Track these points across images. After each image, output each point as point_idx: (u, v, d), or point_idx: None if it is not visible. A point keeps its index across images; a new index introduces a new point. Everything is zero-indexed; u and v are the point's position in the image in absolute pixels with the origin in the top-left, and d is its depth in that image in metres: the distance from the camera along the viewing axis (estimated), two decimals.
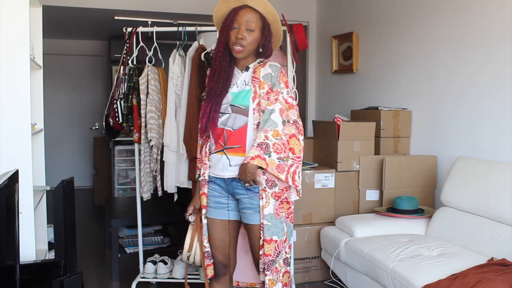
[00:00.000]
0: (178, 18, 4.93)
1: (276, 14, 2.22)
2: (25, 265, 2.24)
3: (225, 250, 2.27)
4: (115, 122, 3.15)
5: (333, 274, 3.26)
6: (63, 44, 7.21)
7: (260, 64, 2.23)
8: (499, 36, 3.04)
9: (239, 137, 2.17)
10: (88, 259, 4.08)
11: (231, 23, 2.16)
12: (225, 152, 2.19)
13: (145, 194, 3.23)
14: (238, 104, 2.18)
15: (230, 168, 2.18)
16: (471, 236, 2.78)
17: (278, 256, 2.19)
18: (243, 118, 2.17)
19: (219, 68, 2.20)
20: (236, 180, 2.18)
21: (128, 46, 3.16)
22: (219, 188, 2.24)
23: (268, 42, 2.23)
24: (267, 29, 2.21)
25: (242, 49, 2.15)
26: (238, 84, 2.22)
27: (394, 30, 4.06)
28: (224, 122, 2.19)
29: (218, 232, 2.26)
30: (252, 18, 2.16)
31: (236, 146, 2.17)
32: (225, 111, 2.19)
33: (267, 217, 2.15)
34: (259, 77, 2.19)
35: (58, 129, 7.28)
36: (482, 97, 3.18)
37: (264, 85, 2.18)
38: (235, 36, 2.14)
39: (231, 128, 2.18)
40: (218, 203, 2.25)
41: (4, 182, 1.79)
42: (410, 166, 3.50)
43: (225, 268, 2.29)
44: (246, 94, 2.18)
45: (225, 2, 2.22)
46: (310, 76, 5.41)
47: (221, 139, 2.20)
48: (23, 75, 2.40)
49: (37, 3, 2.92)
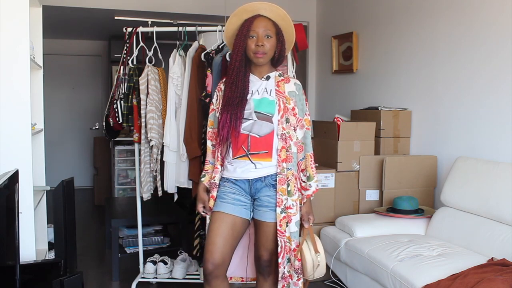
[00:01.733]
0: (178, 18, 4.93)
1: (289, 18, 2.25)
2: (25, 265, 2.24)
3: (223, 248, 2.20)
4: (115, 122, 3.15)
5: (333, 274, 3.26)
6: (63, 44, 7.21)
7: (282, 79, 2.29)
8: (499, 36, 3.04)
9: (265, 143, 2.21)
10: (88, 259, 4.08)
11: (247, 32, 2.19)
12: (249, 157, 2.21)
13: (145, 194, 3.23)
14: (264, 111, 2.22)
15: (255, 170, 2.22)
16: (471, 236, 2.78)
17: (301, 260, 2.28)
18: (269, 125, 2.21)
19: (236, 78, 2.22)
20: (260, 180, 2.22)
21: (128, 46, 3.16)
22: (240, 189, 2.25)
23: (283, 47, 2.28)
24: (281, 35, 2.26)
25: (263, 55, 2.19)
26: (260, 92, 2.25)
27: (394, 30, 4.06)
28: (249, 128, 2.21)
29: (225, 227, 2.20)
30: (267, 25, 2.20)
31: (262, 152, 2.21)
32: (248, 117, 2.21)
33: (297, 223, 2.24)
34: (283, 91, 2.26)
35: (58, 129, 7.28)
36: (482, 97, 3.18)
37: (291, 101, 2.26)
38: (255, 44, 2.18)
39: (257, 134, 2.21)
40: (237, 200, 2.24)
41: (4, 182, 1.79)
42: (410, 166, 3.50)
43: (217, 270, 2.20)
44: (271, 103, 2.23)
45: (237, 15, 2.25)
46: (310, 76, 5.41)
47: (245, 145, 2.22)
48: (23, 75, 2.40)
49: (37, 3, 2.92)
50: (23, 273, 2.11)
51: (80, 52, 7.37)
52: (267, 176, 2.22)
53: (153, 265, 3.26)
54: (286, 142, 2.22)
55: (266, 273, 2.30)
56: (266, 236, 2.24)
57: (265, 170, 2.22)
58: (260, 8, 2.22)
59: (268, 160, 2.22)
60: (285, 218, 2.19)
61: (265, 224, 2.23)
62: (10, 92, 2.38)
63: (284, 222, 2.19)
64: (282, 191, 2.19)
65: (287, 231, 2.19)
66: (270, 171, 2.22)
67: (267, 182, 2.22)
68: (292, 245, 2.21)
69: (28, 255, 2.44)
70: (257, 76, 2.28)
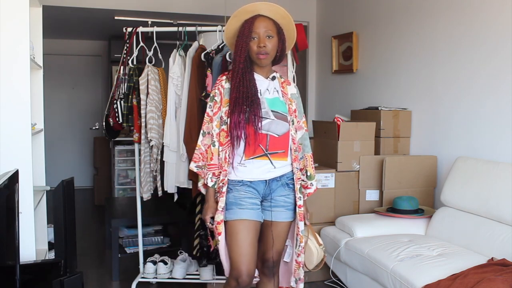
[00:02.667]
0: (178, 18, 4.93)
1: (289, 16, 2.24)
2: (25, 265, 2.24)
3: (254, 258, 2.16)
4: (115, 122, 3.15)
5: (333, 274, 3.26)
6: (63, 44, 7.21)
7: (283, 80, 2.33)
8: (499, 36, 3.04)
9: (283, 142, 2.22)
10: (88, 259, 4.08)
11: (249, 33, 2.17)
12: (269, 157, 2.19)
13: (145, 194, 3.23)
14: (280, 110, 2.23)
15: (274, 170, 2.21)
16: (471, 236, 2.78)
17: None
18: (285, 125, 2.23)
19: (243, 79, 2.19)
20: (276, 180, 2.23)
21: (128, 46, 3.16)
22: (254, 191, 2.21)
23: (285, 46, 2.28)
24: (282, 33, 2.25)
25: (266, 56, 2.19)
26: (270, 91, 2.26)
27: (394, 30, 4.06)
28: (267, 128, 2.18)
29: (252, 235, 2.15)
30: (268, 26, 2.19)
31: (280, 151, 2.22)
32: (265, 116, 2.19)
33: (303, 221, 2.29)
34: (287, 93, 2.30)
35: (58, 129, 7.28)
36: (482, 97, 3.18)
37: (293, 103, 2.30)
38: (257, 45, 2.17)
39: (276, 133, 2.20)
40: (255, 204, 2.20)
41: (4, 182, 1.79)
42: (410, 166, 3.50)
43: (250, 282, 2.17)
44: (283, 104, 2.26)
45: (236, 16, 2.23)
46: (310, 76, 5.41)
47: (263, 144, 2.18)
48: (23, 75, 2.40)
49: (37, 3, 2.92)
50: (23, 273, 2.11)
51: (80, 52, 7.37)
52: (283, 175, 2.24)
53: (153, 265, 3.26)
54: (294, 143, 2.27)
55: (272, 273, 2.29)
56: (280, 236, 2.26)
57: (282, 170, 2.24)
58: (260, 8, 2.20)
59: (285, 160, 2.24)
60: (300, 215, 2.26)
61: (280, 225, 2.25)
62: (10, 92, 2.38)
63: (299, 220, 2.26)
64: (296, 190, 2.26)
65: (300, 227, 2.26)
66: (286, 170, 2.25)
67: (283, 182, 2.24)
68: (302, 242, 2.28)
69: (28, 255, 2.44)
70: (261, 75, 2.27)
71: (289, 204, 2.26)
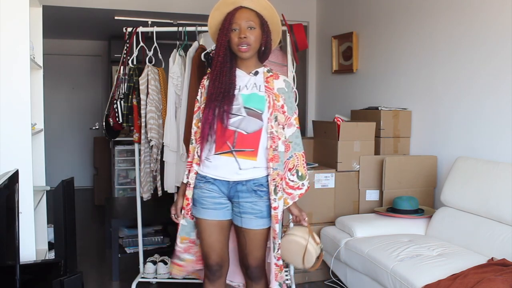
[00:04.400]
0: (178, 18, 4.93)
1: (272, 8, 2.19)
2: (25, 265, 2.24)
3: (222, 252, 2.24)
4: (115, 122, 3.15)
5: (333, 274, 3.26)
6: (63, 44, 7.22)
7: (271, 75, 2.20)
8: (499, 36, 3.04)
9: (252, 140, 2.12)
10: (88, 259, 4.08)
11: (229, 25, 2.12)
12: (234, 155, 2.13)
13: (145, 194, 3.23)
14: (254, 107, 2.13)
15: (240, 172, 2.13)
16: (471, 236, 2.78)
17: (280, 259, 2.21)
18: (258, 122, 2.13)
19: (220, 73, 2.15)
20: (241, 184, 2.13)
21: (128, 46, 3.16)
22: (218, 189, 2.18)
23: (269, 39, 2.20)
24: (266, 26, 2.18)
25: (248, 48, 2.11)
26: (248, 87, 2.17)
27: (394, 30, 4.06)
28: (237, 124, 2.11)
29: (218, 233, 2.21)
30: (250, 17, 2.12)
31: (248, 149, 2.12)
32: (237, 113, 2.13)
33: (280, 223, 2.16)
34: (273, 88, 2.17)
35: (58, 129, 7.28)
36: (482, 97, 3.18)
37: (280, 98, 2.17)
38: (238, 37, 2.10)
39: (245, 131, 2.12)
40: (218, 204, 2.19)
41: (4, 182, 1.79)
42: (410, 166, 3.50)
43: (221, 269, 2.26)
44: (261, 99, 2.14)
45: (218, 9, 2.19)
46: (310, 76, 5.41)
47: (230, 141, 2.13)
48: (23, 75, 2.40)
49: (37, 3, 2.92)
50: (23, 273, 2.11)
51: (80, 52, 7.37)
52: (249, 180, 2.14)
53: (153, 265, 3.27)
54: (274, 141, 2.13)
55: (257, 278, 2.26)
56: (254, 244, 2.17)
57: (248, 174, 2.13)
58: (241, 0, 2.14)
59: (252, 159, 2.13)
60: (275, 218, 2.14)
61: (252, 232, 2.16)
62: (10, 92, 2.38)
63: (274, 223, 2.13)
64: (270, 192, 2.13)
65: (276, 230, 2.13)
66: (253, 175, 2.14)
67: (248, 187, 2.13)
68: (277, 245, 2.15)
69: (28, 255, 2.44)
70: (244, 71, 2.20)
71: (257, 211, 2.13)
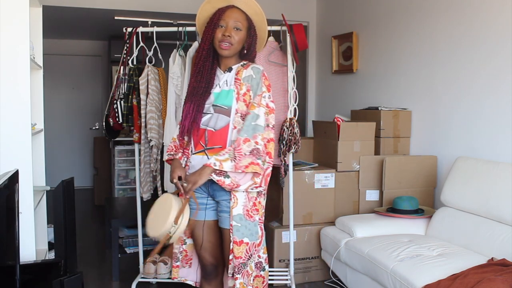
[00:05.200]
0: (178, 18, 4.93)
1: (263, 15, 2.20)
2: (25, 265, 2.24)
3: (215, 251, 2.24)
4: (115, 122, 3.15)
5: (333, 274, 3.26)
6: (63, 44, 7.22)
7: (243, 66, 2.19)
8: (499, 36, 3.04)
9: (220, 137, 2.12)
10: (88, 259, 4.08)
11: (217, 21, 2.13)
12: (206, 153, 2.14)
13: (145, 194, 3.23)
14: (221, 104, 2.13)
15: None
16: (471, 236, 2.78)
17: (249, 259, 2.14)
18: (225, 118, 2.12)
19: (202, 68, 2.17)
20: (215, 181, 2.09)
21: (128, 46, 3.16)
22: (200, 190, 2.18)
23: (254, 43, 2.22)
24: (253, 30, 2.20)
25: (229, 46, 2.11)
26: (220, 85, 2.17)
27: (394, 30, 4.06)
28: (206, 123, 2.14)
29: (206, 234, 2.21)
30: (239, 18, 2.14)
31: (217, 146, 2.12)
32: (207, 111, 2.15)
33: (236, 218, 2.10)
34: (240, 78, 2.16)
35: (58, 129, 7.28)
36: (482, 97, 3.18)
37: (243, 86, 2.14)
38: (222, 34, 2.11)
39: (213, 128, 2.13)
40: (201, 204, 2.20)
41: (4, 182, 1.79)
42: (410, 166, 3.50)
43: (216, 269, 2.26)
44: (228, 94, 2.14)
45: (210, 3, 2.20)
46: (310, 76, 5.41)
47: (202, 140, 2.15)
48: (23, 75, 2.40)
49: (37, 3, 2.92)
50: (23, 273, 2.11)
51: (80, 52, 7.37)
52: None
53: (153, 265, 3.26)
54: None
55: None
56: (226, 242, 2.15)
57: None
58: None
59: None
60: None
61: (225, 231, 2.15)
62: (10, 92, 2.38)
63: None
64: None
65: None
66: None
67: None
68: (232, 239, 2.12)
69: (28, 255, 2.44)
70: (222, 69, 2.21)
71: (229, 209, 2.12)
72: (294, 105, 3.08)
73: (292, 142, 2.98)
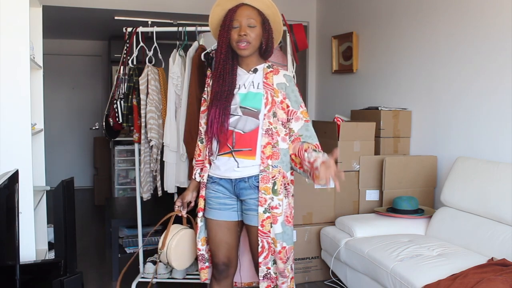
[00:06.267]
0: (178, 18, 4.93)
1: (275, 7, 2.17)
2: (25, 265, 2.24)
3: (229, 252, 2.24)
4: (115, 122, 3.15)
5: (333, 274, 3.26)
6: (63, 44, 7.22)
7: (271, 70, 2.18)
8: (499, 36, 3.04)
9: (249, 140, 2.11)
10: (88, 259, 4.08)
11: (230, 22, 2.11)
12: (233, 155, 2.13)
13: (145, 194, 3.23)
14: (250, 106, 2.12)
15: (238, 169, 2.13)
16: (471, 236, 2.78)
17: (286, 263, 2.17)
18: (254, 121, 2.11)
19: (223, 71, 2.15)
20: (243, 181, 2.13)
21: (128, 46, 3.16)
22: (223, 189, 2.19)
23: (271, 37, 2.19)
24: (267, 24, 2.17)
25: (247, 45, 2.10)
26: (246, 86, 2.16)
27: (394, 30, 4.06)
28: (234, 124, 2.12)
29: (223, 234, 2.21)
30: (251, 14, 2.11)
31: (246, 149, 2.11)
32: (234, 113, 2.13)
33: (282, 224, 2.12)
34: (272, 84, 2.14)
35: (58, 129, 7.28)
36: (482, 97, 3.18)
37: (279, 94, 2.14)
38: (238, 34, 2.09)
39: (242, 130, 2.11)
40: (223, 204, 2.20)
41: (4, 182, 1.79)
42: (410, 166, 3.50)
43: (228, 269, 2.26)
44: (256, 97, 2.13)
45: (220, 5, 2.18)
46: (310, 76, 5.41)
47: (229, 142, 2.14)
48: (23, 75, 2.40)
49: (37, 3, 2.92)
50: (23, 273, 2.11)
51: (80, 52, 7.37)
52: (250, 177, 2.12)
53: (153, 265, 3.26)
54: (273, 138, 2.10)
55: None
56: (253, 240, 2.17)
57: (248, 170, 2.12)
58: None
59: (251, 158, 2.11)
60: (269, 218, 2.09)
61: (253, 229, 2.16)
62: (10, 92, 2.38)
63: (268, 222, 2.09)
64: (266, 189, 2.09)
65: (271, 232, 2.10)
66: (253, 171, 2.12)
67: (250, 184, 2.12)
68: (277, 247, 2.11)
69: (28, 255, 2.44)
70: (244, 69, 2.19)
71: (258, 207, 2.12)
72: None
73: None
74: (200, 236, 2.26)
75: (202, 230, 2.27)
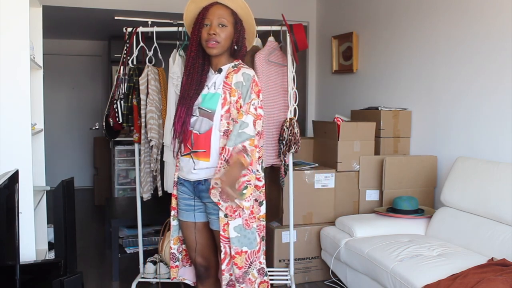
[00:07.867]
0: (178, 18, 4.90)
1: (248, 8, 2.16)
2: (25, 265, 2.24)
3: (203, 252, 2.23)
4: (115, 122, 3.15)
5: (333, 274, 3.26)
6: (63, 44, 7.21)
7: (234, 69, 2.14)
8: (499, 36, 3.04)
9: (204, 141, 2.09)
10: (88, 259, 4.08)
11: (202, 20, 2.10)
12: (191, 156, 2.13)
13: (145, 194, 3.23)
14: (205, 107, 2.10)
15: (194, 171, 2.12)
16: (471, 236, 2.78)
17: (250, 267, 2.12)
18: (208, 122, 2.09)
19: (192, 70, 2.14)
20: (201, 184, 2.12)
21: (128, 46, 3.16)
22: (187, 190, 2.20)
23: (242, 38, 2.17)
24: (240, 24, 2.15)
25: (215, 44, 2.07)
26: (209, 86, 2.15)
27: (394, 30, 4.06)
28: (193, 125, 2.13)
29: (194, 235, 2.21)
30: (223, 14, 2.10)
31: (201, 150, 2.10)
32: (193, 114, 2.13)
33: (237, 228, 2.08)
34: (230, 83, 2.10)
35: (58, 129, 7.28)
36: (482, 97, 3.18)
37: (235, 93, 2.09)
38: (207, 32, 2.07)
39: (198, 131, 2.11)
40: (187, 205, 2.21)
41: (4, 182, 1.79)
42: (410, 166, 3.50)
43: (207, 271, 2.26)
44: (213, 98, 2.10)
45: (195, 2, 2.17)
46: (310, 76, 5.41)
47: (189, 142, 2.13)
48: (23, 75, 2.40)
49: (37, 3, 2.92)
50: (23, 273, 2.11)
51: (80, 52, 7.37)
52: (207, 179, 2.10)
53: (153, 265, 3.26)
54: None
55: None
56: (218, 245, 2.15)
57: (204, 173, 2.11)
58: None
59: (206, 160, 2.09)
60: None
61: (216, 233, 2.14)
62: (10, 92, 2.38)
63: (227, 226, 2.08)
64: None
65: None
66: (209, 174, 2.09)
67: (207, 187, 2.10)
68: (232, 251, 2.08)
69: (28, 255, 2.44)
70: (212, 69, 2.18)
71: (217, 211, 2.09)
72: (294, 105, 3.08)
73: (292, 142, 2.98)
74: (173, 235, 2.27)
75: (176, 230, 2.28)
